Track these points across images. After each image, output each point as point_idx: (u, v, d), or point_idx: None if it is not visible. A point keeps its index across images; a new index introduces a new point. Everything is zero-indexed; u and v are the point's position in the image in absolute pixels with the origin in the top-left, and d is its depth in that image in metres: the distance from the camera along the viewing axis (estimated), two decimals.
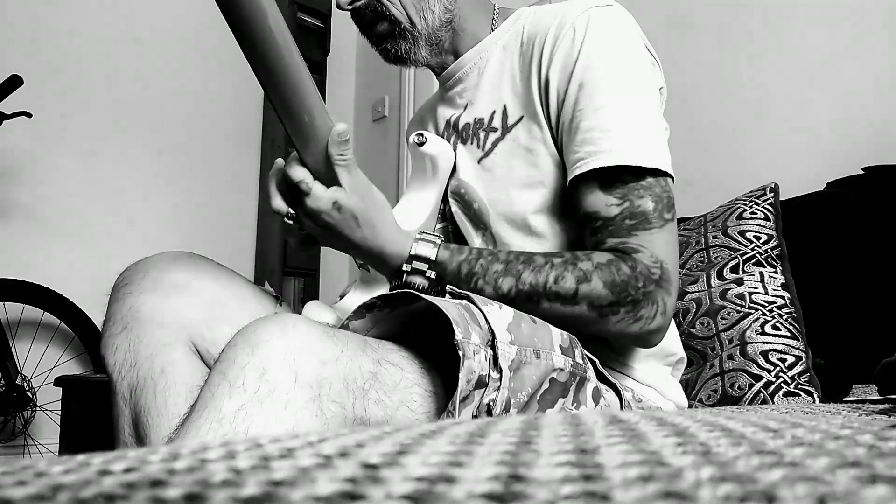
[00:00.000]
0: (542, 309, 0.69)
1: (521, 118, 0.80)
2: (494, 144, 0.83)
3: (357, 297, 0.85)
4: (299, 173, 0.69)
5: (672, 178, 0.74)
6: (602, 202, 0.72)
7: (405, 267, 0.72)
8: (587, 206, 0.73)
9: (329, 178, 0.70)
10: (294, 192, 0.70)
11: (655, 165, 0.71)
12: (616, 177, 0.71)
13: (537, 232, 0.80)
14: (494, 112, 0.84)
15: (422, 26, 0.83)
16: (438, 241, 0.73)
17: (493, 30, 0.88)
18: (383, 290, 0.83)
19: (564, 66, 0.76)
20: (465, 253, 0.73)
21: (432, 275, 0.72)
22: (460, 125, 0.88)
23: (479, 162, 0.85)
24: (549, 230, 0.80)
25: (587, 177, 0.72)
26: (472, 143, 0.86)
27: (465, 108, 0.88)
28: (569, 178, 0.74)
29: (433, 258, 0.72)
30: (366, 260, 0.75)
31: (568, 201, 0.77)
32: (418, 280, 0.72)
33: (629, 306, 0.69)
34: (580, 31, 0.75)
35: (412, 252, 0.72)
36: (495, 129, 0.83)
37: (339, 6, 0.82)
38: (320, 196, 0.69)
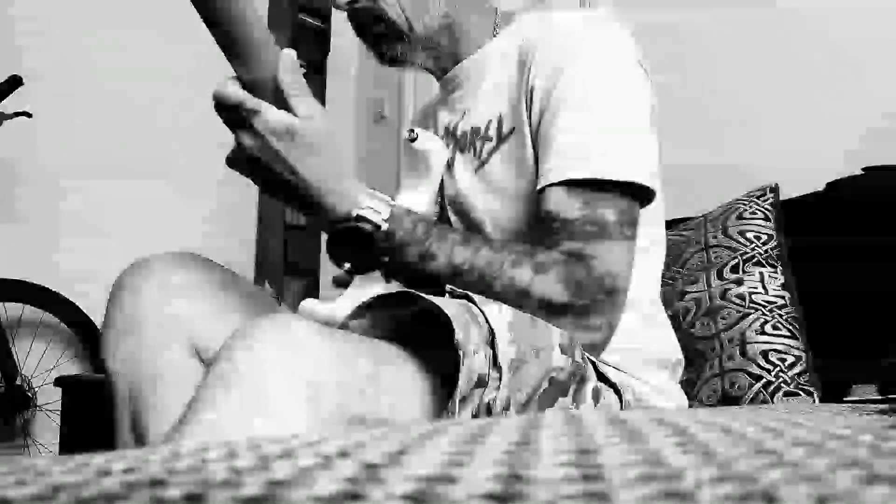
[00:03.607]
0: (493, 292, 0.67)
1: (513, 129, 0.80)
2: (490, 154, 0.83)
3: (354, 294, 0.84)
4: (241, 93, 0.62)
5: (651, 191, 0.73)
6: (564, 204, 0.71)
7: (354, 212, 0.65)
8: (548, 206, 0.72)
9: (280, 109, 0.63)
10: (234, 118, 0.63)
11: (626, 178, 0.71)
12: (583, 185, 0.71)
13: (533, 243, 0.80)
14: (490, 121, 0.83)
15: (419, 30, 0.82)
16: (394, 201, 0.69)
17: (494, 35, 0.87)
18: (380, 286, 0.83)
19: (549, 77, 0.75)
20: (421, 216, 0.70)
21: (385, 226, 0.66)
22: (458, 133, 0.88)
23: (475, 172, 0.84)
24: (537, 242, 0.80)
25: (555, 184, 0.72)
26: (468, 153, 0.86)
27: (464, 115, 0.88)
28: (537, 187, 0.74)
29: (386, 214, 0.66)
30: (306, 202, 0.67)
31: None
32: (367, 226, 0.65)
33: (579, 310, 0.68)
34: (570, 44, 0.75)
35: (365, 204, 0.66)
36: (490, 139, 0.83)
37: (335, 5, 0.81)
38: (273, 117, 0.62)
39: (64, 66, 2.34)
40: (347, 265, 0.69)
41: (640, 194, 0.74)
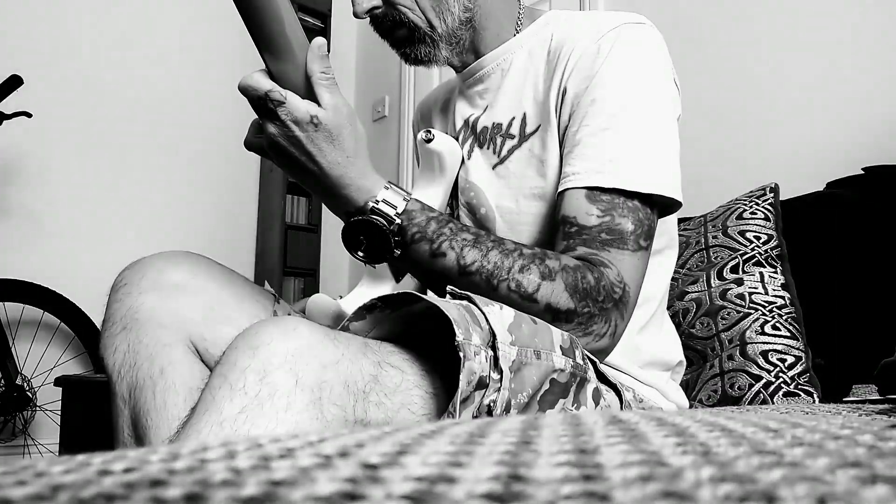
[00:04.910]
0: (498, 295, 0.67)
1: (538, 127, 0.80)
2: (510, 152, 0.82)
3: (364, 291, 0.84)
4: (266, 83, 0.63)
5: (675, 201, 0.74)
6: (583, 209, 0.71)
7: (369, 204, 0.67)
8: (567, 210, 0.72)
9: (307, 98, 0.65)
10: (260, 107, 0.65)
11: (650, 191, 0.71)
12: (606, 192, 0.71)
13: (543, 243, 0.80)
14: (514, 118, 0.83)
15: (441, 28, 0.81)
16: (410, 195, 0.70)
17: (517, 31, 0.86)
18: (390, 285, 0.83)
19: (583, 79, 0.75)
20: (435, 212, 0.70)
21: (398, 220, 0.68)
22: (478, 128, 0.87)
23: (493, 168, 0.84)
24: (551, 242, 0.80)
25: (577, 188, 0.72)
26: (488, 148, 0.85)
27: (485, 110, 0.87)
28: (559, 189, 0.74)
29: (400, 208, 0.68)
30: (324, 191, 0.69)
31: None
32: (380, 220, 0.67)
33: (584, 317, 0.68)
34: (606, 47, 0.75)
35: (380, 197, 0.67)
36: (512, 136, 0.82)
37: (356, 15, 0.80)
38: (297, 107, 0.64)
39: (64, 66, 2.34)
40: (360, 254, 0.70)
41: (661, 205, 0.74)
